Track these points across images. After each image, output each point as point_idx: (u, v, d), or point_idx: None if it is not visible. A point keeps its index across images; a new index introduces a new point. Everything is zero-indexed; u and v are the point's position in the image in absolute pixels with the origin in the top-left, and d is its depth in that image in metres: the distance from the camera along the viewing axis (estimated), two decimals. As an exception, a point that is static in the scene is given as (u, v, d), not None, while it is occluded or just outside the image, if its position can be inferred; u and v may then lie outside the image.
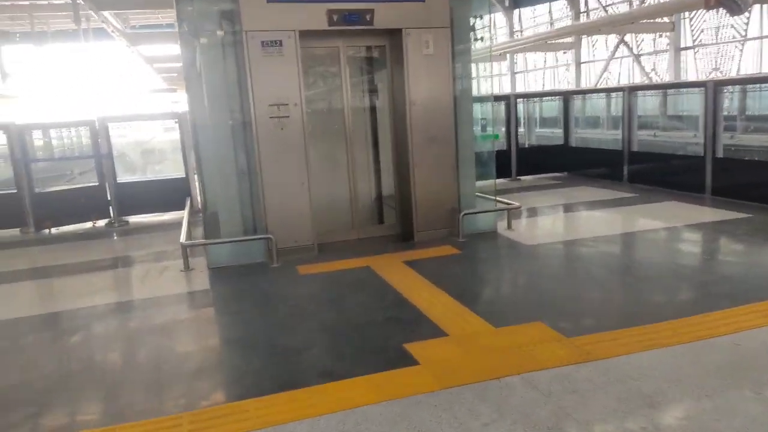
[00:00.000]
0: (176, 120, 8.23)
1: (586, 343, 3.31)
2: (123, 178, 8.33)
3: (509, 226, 6.22)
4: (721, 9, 16.74)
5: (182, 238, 5.37)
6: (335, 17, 5.38)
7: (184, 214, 6.36)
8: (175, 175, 8.50)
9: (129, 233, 7.46)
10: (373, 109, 6.42)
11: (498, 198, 6.28)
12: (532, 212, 7.17)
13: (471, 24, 5.93)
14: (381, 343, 3.53)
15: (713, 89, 7.16)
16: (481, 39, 6.03)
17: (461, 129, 6.02)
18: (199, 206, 6.88)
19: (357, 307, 4.21)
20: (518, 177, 9.88)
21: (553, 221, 6.94)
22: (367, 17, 5.46)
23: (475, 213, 6.05)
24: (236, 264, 5.36)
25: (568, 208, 7.52)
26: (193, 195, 7.92)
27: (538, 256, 5.28)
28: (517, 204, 6.24)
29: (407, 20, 5.63)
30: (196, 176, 7.26)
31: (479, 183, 6.23)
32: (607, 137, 10.46)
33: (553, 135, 11.67)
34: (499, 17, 27.62)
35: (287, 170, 5.46)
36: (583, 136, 10.61)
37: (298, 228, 5.56)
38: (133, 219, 8.11)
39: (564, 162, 10.09)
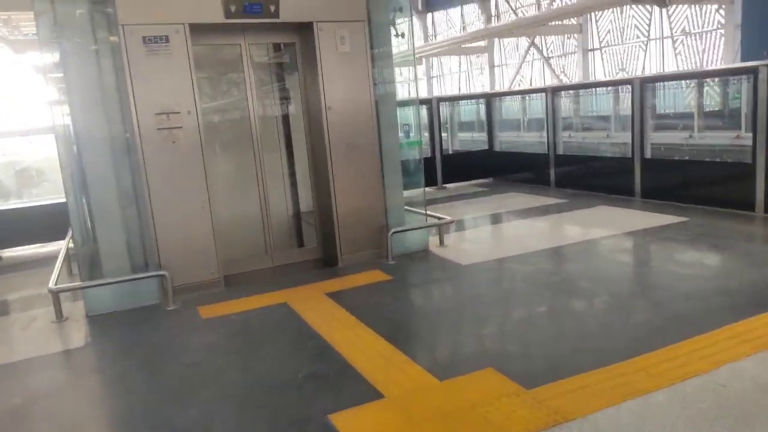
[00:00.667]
0: (54, 134, 7.03)
1: (550, 395, 2.72)
2: (-8, 204, 7.04)
3: (441, 242, 5.63)
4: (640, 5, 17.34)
5: (52, 281, 4.34)
6: (233, 8, 4.56)
7: (63, 248, 5.30)
8: (56, 199, 7.28)
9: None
10: (285, 117, 5.63)
11: (429, 212, 5.67)
12: (463, 225, 6.63)
13: (390, 17, 5.30)
14: (299, 413, 2.77)
15: (640, 86, 6.95)
16: (402, 35, 5.41)
17: (385, 135, 5.36)
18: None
19: (270, 360, 3.41)
20: (444, 185, 9.39)
21: (487, 235, 6.44)
22: (271, 8, 4.69)
23: (405, 230, 5.41)
24: (123, 309, 4.40)
25: (499, 219, 7.06)
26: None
27: (476, 279, 4.70)
28: (449, 219, 5.66)
29: (319, 12, 4.91)
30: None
31: (406, 193, 5.60)
32: (532, 140, 10.22)
33: (474, 139, 11.34)
34: (413, 21, 27.45)
35: (182, 191, 4.57)
36: (506, 139, 10.31)
37: (200, 259, 4.68)
38: (8, 253, 6.86)
39: (489, 167, 9.71)
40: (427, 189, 8.52)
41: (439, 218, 5.68)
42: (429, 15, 28.28)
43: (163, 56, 4.39)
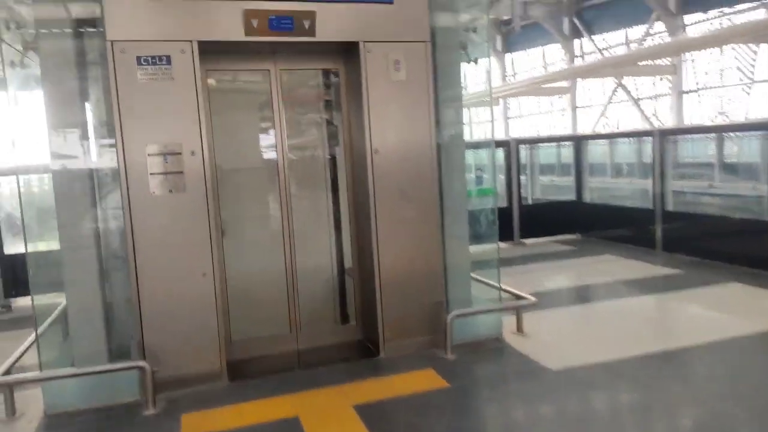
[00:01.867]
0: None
1: None
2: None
3: (520, 328, 4.26)
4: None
5: (2, 368, 3.36)
6: (255, 22, 3.55)
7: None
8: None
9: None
10: (333, 160, 4.52)
11: (504, 286, 4.32)
12: (549, 300, 5.18)
13: (461, 38, 4.14)
14: None
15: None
16: (475, 61, 4.23)
17: (448, 183, 4.14)
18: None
19: None
20: (522, 240, 7.98)
21: (581, 319, 4.92)
22: (305, 24, 3.64)
23: (472, 314, 4.10)
24: (92, 407, 3.34)
25: (595, 294, 5.58)
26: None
27: (574, 397, 3.29)
28: (532, 299, 4.28)
29: (367, 30, 3.81)
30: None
31: (475, 249, 4.30)
32: (628, 191, 8.66)
33: (557, 186, 9.89)
34: (492, 62, 26.41)
35: (179, 253, 3.51)
36: (598, 187, 8.80)
37: (198, 345, 3.57)
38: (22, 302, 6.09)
39: (577, 221, 8.22)
40: (502, 245, 7.20)
41: (517, 296, 4.33)
42: (508, 56, 27.12)
43: (163, 81, 3.41)
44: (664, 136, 7.01)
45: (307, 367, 3.91)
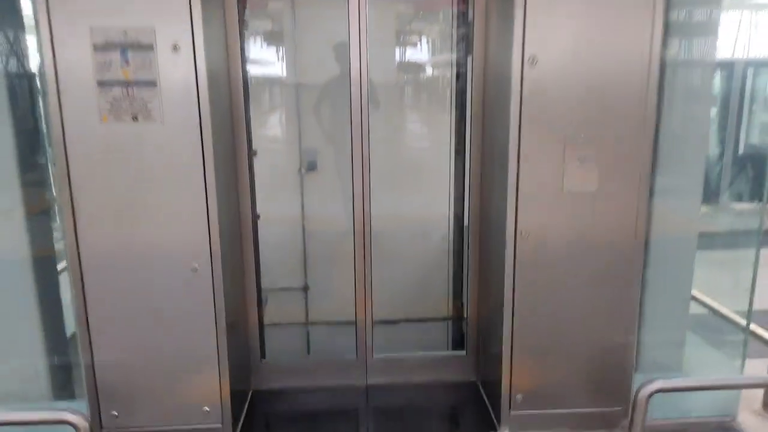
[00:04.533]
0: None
1: None
2: None
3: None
4: None
5: None
6: None
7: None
8: None
9: None
10: (457, 77, 2.67)
11: (756, 328, 2.30)
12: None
13: None
14: None
15: None
16: None
17: (675, 129, 2.15)
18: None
19: None
20: None
21: None
22: None
23: (687, 390, 2.17)
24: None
25: None
26: None
27: None
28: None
29: None
30: None
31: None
32: None
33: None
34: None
35: (153, 239, 1.99)
36: None
37: (186, 382, 2.11)
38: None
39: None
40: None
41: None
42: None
43: None
44: None
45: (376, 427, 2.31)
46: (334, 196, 2.75)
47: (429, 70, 2.78)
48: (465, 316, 2.70)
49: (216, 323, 2.04)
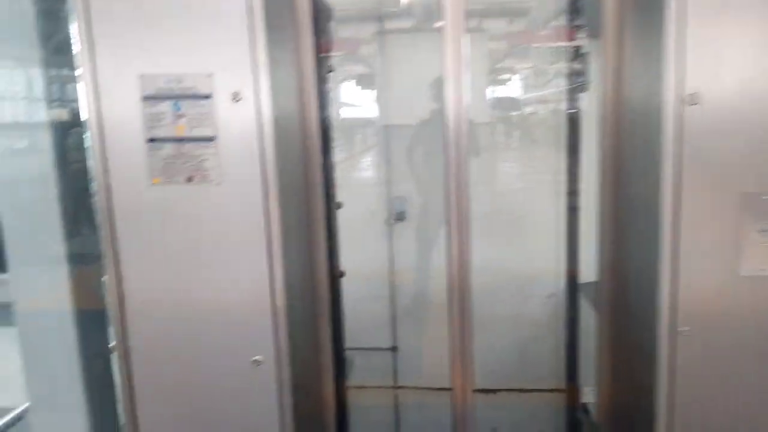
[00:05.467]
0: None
1: None
2: None
3: None
4: None
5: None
6: None
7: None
8: None
9: None
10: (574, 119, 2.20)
11: None
12: None
13: None
14: None
15: None
16: None
17: None
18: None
19: None
20: None
21: None
22: None
23: None
24: None
25: None
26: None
27: None
28: None
29: None
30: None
31: None
32: None
33: None
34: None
35: (208, 330, 1.67)
36: None
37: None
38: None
39: None
40: None
41: None
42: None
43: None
44: None
45: None
46: (426, 248, 2.36)
47: (532, 109, 2.34)
48: (581, 399, 2.21)
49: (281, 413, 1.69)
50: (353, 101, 2.23)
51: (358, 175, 2.36)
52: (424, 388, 2.53)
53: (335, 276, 2.11)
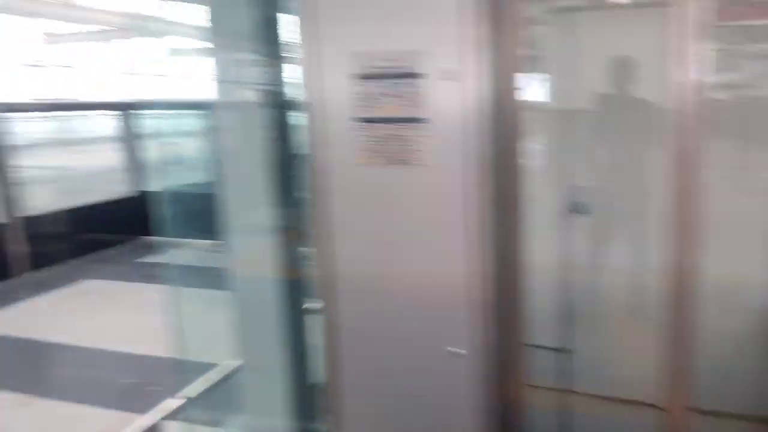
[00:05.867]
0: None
1: None
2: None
3: None
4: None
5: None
6: None
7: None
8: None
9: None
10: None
11: None
12: None
13: None
14: None
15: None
16: None
17: None
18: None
19: None
20: None
21: None
22: None
23: None
24: None
25: None
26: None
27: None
28: None
29: None
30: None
31: None
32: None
33: None
34: None
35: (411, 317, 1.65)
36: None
37: None
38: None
39: None
40: None
41: None
42: None
43: None
44: None
45: None
46: (604, 245, 2.15)
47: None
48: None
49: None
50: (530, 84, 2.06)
51: (536, 162, 2.19)
52: (614, 399, 2.31)
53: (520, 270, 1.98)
